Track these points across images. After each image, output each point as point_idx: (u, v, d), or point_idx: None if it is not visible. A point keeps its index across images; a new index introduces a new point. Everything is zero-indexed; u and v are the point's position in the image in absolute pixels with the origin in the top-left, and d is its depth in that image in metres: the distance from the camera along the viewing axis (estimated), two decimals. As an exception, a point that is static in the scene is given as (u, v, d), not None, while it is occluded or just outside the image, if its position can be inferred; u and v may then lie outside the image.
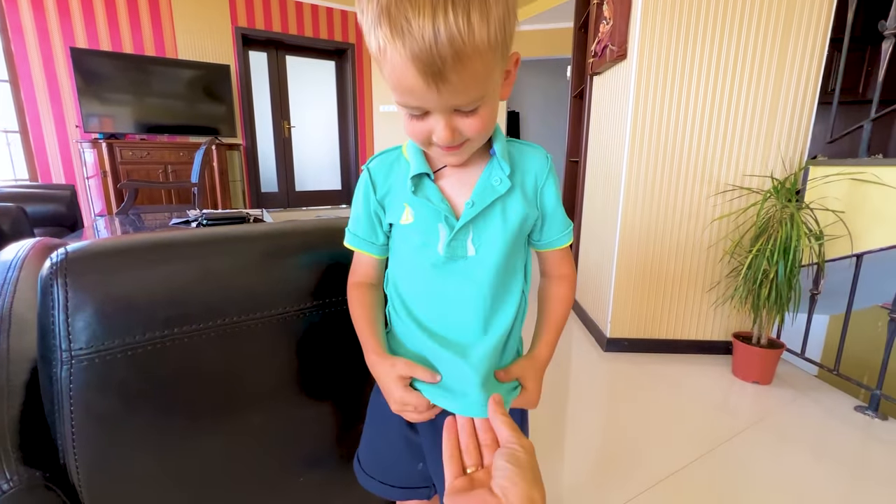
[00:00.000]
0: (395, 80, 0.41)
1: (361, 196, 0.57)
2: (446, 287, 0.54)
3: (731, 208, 1.79)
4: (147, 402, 0.54)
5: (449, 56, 0.38)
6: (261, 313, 0.62)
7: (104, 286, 0.51)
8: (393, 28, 0.37)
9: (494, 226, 0.52)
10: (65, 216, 2.34)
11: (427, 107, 0.43)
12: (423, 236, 0.53)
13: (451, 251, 0.52)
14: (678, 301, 1.92)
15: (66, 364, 0.49)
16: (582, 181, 2.41)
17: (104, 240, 0.56)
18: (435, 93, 0.40)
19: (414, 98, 0.42)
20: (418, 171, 0.52)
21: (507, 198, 0.52)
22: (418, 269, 0.55)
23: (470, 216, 0.51)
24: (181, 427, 0.57)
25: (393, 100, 0.45)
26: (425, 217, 0.53)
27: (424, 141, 0.47)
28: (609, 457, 1.30)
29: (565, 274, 0.61)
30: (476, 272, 0.53)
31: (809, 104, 1.71)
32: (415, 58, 0.38)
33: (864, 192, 1.52)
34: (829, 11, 1.64)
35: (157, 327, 0.54)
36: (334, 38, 4.87)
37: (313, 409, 0.69)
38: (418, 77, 0.39)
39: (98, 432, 0.52)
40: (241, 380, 0.61)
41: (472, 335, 0.54)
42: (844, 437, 1.40)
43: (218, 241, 0.61)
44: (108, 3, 3.68)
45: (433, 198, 0.52)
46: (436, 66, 0.38)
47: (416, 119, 0.45)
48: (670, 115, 1.76)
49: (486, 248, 0.53)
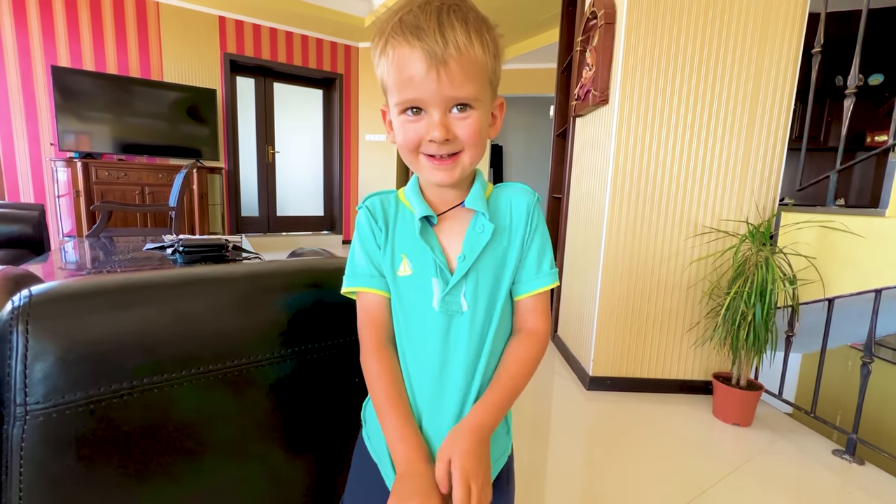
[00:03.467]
0: (397, 70, 0.45)
1: (361, 232, 0.55)
2: (438, 346, 0.51)
3: (709, 250, 1.84)
4: (109, 460, 0.50)
5: (451, 46, 0.44)
6: (237, 361, 0.58)
7: (69, 333, 0.48)
8: (403, 26, 0.44)
9: (486, 278, 0.51)
10: (31, 238, 2.23)
11: (425, 97, 0.46)
12: (419, 291, 0.51)
13: (446, 306, 0.50)
14: (659, 340, 1.93)
15: (20, 420, 0.45)
16: (565, 218, 2.45)
17: (72, 281, 0.52)
18: (434, 78, 0.44)
19: (413, 87, 0.45)
20: (424, 213, 0.52)
21: (494, 244, 0.52)
22: (412, 327, 0.52)
23: (463, 270, 0.50)
24: (146, 487, 0.53)
25: (381, 128, 0.47)
26: (422, 269, 0.52)
27: (417, 145, 0.48)
28: (592, 502, 1.26)
29: (533, 330, 0.53)
30: (469, 329, 0.51)
31: (779, 154, 1.80)
32: (421, 46, 0.44)
33: (834, 239, 1.59)
34: (795, 68, 1.75)
35: (125, 378, 0.50)
36: (323, 68, 4.94)
37: (292, 462, 0.65)
38: (422, 60, 0.44)
39: (50, 496, 0.47)
40: (215, 432, 0.57)
41: (458, 396, 0.51)
42: (824, 483, 1.40)
43: (194, 282, 0.58)
44: (94, 25, 3.66)
45: (435, 248, 0.51)
46: (438, 51, 0.43)
47: (412, 120, 0.47)
48: (650, 159, 1.82)
49: (479, 302, 0.51)
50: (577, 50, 2.22)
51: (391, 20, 0.46)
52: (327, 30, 4.71)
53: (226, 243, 1.73)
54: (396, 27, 0.45)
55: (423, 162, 0.50)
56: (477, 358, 0.51)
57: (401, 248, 0.53)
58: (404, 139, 0.49)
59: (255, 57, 4.50)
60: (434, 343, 0.51)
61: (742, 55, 1.75)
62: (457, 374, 0.51)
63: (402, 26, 0.44)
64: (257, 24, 4.45)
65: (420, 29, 0.44)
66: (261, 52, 4.53)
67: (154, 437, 0.52)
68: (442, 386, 0.51)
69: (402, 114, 0.48)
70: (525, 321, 0.54)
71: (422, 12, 0.44)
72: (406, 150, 0.50)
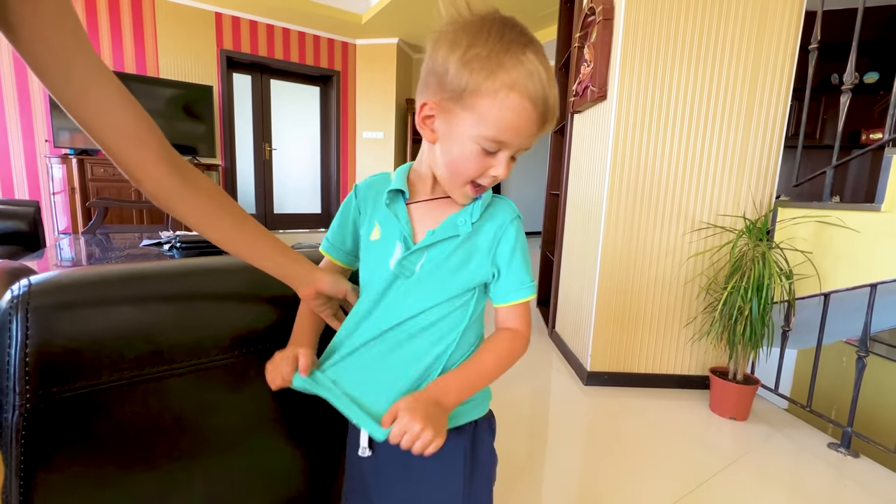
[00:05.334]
0: (509, 117, 0.47)
1: (343, 206, 0.63)
2: (392, 301, 0.56)
3: (707, 246, 1.85)
4: (109, 448, 0.50)
5: (553, 107, 0.49)
6: (239, 351, 0.58)
7: (68, 323, 0.48)
8: (531, 82, 0.46)
9: (446, 260, 0.55)
10: (26, 234, 2.22)
11: (513, 144, 0.49)
12: (382, 252, 0.57)
13: (401, 268, 0.55)
14: (657, 335, 1.94)
15: (19, 409, 0.45)
16: (562, 214, 2.45)
17: (72, 270, 0.52)
18: (534, 134, 0.49)
19: (513, 137, 0.48)
20: (396, 186, 0.57)
21: (465, 242, 0.55)
22: (370, 282, 0.58)
23: (426, 242, 0.54)
24: (146, 476, 0.52)
25: (378, 125, 0.47)
26: (389, 234, 0.57)
27: (475, 175, 0.51)
28: (590, 497, 1.27)
29: (511, 327, 0.58)
30: (416, 293, 0.55)
31: (776, 149, 1.81)
32: (539, 117, 0.48)
33: (830, 234, 1.60)
34: (792, 65, 1.76)
35: (125, 367, 0.50)
36: (320, 65, 4.92)
37: (293, 450, 0.65)
38: (535, 125, 0.48)
39: (51, 484, 0.47)
40: (216, 422, 0.57)
41: (390, 345, 0.56)
42: (819, 475, 1.41)
43: (197, 272, 0.58)
44: (89, 21, 3.64)
45: (401, 216, 0.56)
46: (548, 113, 0.48)
47: (487, 155, 0.50)
48: (648, 155, 1.83)
49: (432, 274, 0.55)
50: (576, 46, 2.22)
51: (515, 58, 0.46)
52: (325, 26, 4.69)
53: (223, 239, 1.72)
54: (524, 78, 0.46)
55: (466, 188, 0.53)
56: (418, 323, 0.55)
57: (375, 216, 0.59)
58: (470, 168, 0.51)
59: (251, 53, 4.48)
60: (371, 297, 0.56)
61: (739, 52, 1.75)
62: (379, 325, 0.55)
63: (530, 81, 0.46)
64: (254, 20, 4.43)
65: (546, 100, 0.47)
66: (258, 48, 4.51)
67: (154, 426, 0.52)
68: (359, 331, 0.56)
69: (479, 146, 0.49)
70: (506, 322, 0.59)
71: (546, 73, 0.47)
72: (463, 176, 0.52)
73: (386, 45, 4.99)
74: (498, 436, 0.63)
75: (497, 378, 0.55)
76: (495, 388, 0.60)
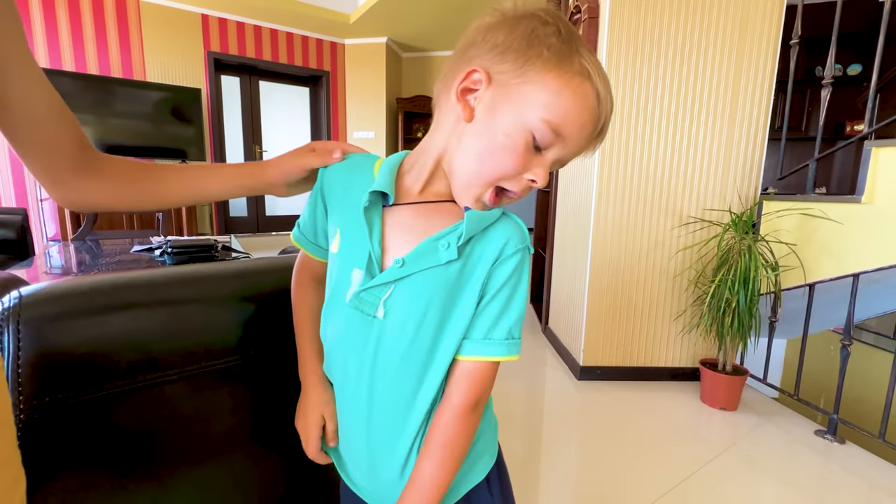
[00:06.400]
0: (575, 107, 0.40)
1: (313, 192, 0.52)
2: (353, 347, 0.45)
3: (694, 240, 1.88)
4: (104, 458, 0.51)
5: (609, 115, 0.43)
6: (231, 357, 0.59)
7: (60, 333, 0.48)
8: (591, 65, 0.40)
9: (420, 298, 0.42)
10: (14, 242, 2.20)
11: (568, 143, 0.41)
12: (339, 274, 0.46)
13: (358, 303, 0.44)
14: (648, 329, 1.97)
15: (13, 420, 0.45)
16: (553, 211, 2.47)
17: (62, 282, 0.53)
18: (587, 139, 0.42)
19: (576, 131, 0.41)
20: (380, 187, 0.43)
21: (450, 272, 0.42)
22: (331, 312, 0.48)
23: (393, 277, 0.42)
24: (141, 484, 0.53)
25: (369, 125, 0.43)
26: (350, 251, 0.45)
27: (510, 174, 0.41)
28: (585, 490, 1.29)
29: (450, 401, 0.44)
30: (385, 341, 0.43)
31: (761, 142, 1.83)
32: (600, 99, 0.41)
33: (814, 226, 1.63)
34: (774, 59, 1.78)
35: (119, 376, 0.51)
36: (309, 66, 4.90)
37: (289, 453, 0.66)
38: (595, 118, 0.41)
39: (46, 495, 0.48)
40: (210, 429, 0.58)
41: (372, 422, 0.46)
42: (807, 462, 1.44)
43: (187, 280, 0.59)
44: (73, 24, 3.59)
45: (374, 230, 0.44)
46: (605, 124, 0.42)
47: (530, 152, 0.40)
48: (635, 151, 1.85)
49: (400, 318, 0.42)
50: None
51: (588, 54, 0.41)
52: (312, 27, 4.67)
53: (215, 243, 1.72)
54: (596, 74, 0.41)
55: (487, 192, 0.42)
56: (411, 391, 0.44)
57: (339, 220, 0.47)
58: (508, 163, 0.40)
59: (239, 55, 4.45)
60: (345, 343, 0.47)
61: (722, 48, 1.78)
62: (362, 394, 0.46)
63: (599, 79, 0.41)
64: (241, 21, 4.40)
65: (606, 107, 0.42)
66: (245, 50, 4.47)
67: (149, 434, 0.53)
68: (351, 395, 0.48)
69: (531, 135, 0.40)
70: (449, 387, 0.44)
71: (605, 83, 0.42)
72: (492, 172, 0.41)
73: (375, 45, 4.98)
74: None
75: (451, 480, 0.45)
76: None
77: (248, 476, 0.63)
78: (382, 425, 0.46)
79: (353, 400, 0.47)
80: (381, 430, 0.46)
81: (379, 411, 0.45)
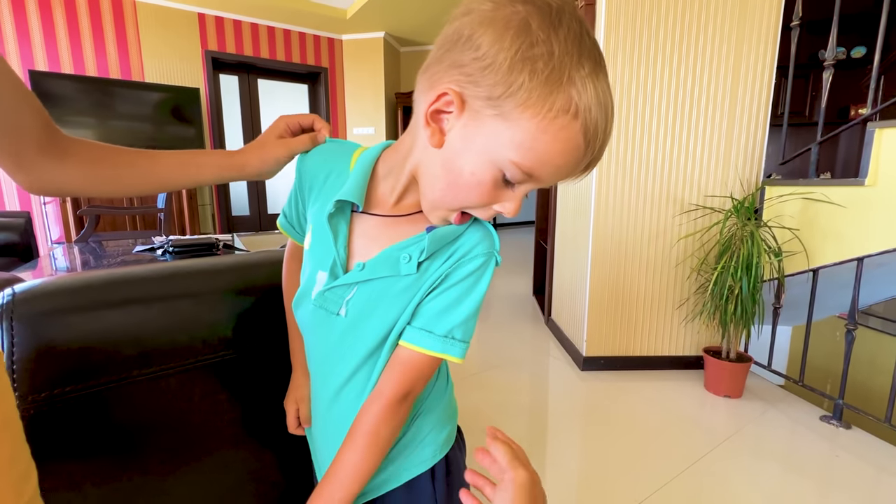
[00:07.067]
0: (553, 150, 0.34)
1: (295, 182, 0.52)
2: (318, 339, 0.49)
3: (696, 227, 1.86)
4: (100, 453, 0.51)
5: (603, 146, 0.37)
6: (227, 350, 0.59)
7: (54, 329, 0.48)
8: (587, 95, 0.33)
9: (380, 302, 0.44)
10: (18, 245, 2.22)
11: (543, 181, 0.37)
12: (308, 272, 0.48)
13: (323, 301, 0.46)
14: (650, 318, 1.96)
15: (10, 415, 0.46)
16: (554, 202, 2.46)
17: (55, 278, 0.53)
18: (570, 175, 0.38)
19: (552, 172, 0.36)
20: (347, 196, 0.43)
21: (409, 282, 0.43)
22: (300, 304, 0.50)
23: (353, 279, 0.44)
24: (138, 479, 0.54)
25: (369, 121, 0.42)
26: (317, 252, 0.47)
27: (475, 205, 0.39)
28: (590, 479, 1.29)
29: (380, 393, 0.44)
30: (349, 337, 0.46)
31: (762, 127, 1.81)
32: (589, 138, 0.35)
33: (816, 211, 1.61)
34: (775, 42, 1.76)
35: (114, 371, 0.51)
36: (307, 63, 4.88)
37: (287, 447, 0.66)
38: (579, 158, 0.36)
39: (42, 492, 0.48)
40: (208, 423, 0.58)
41: (334, 403, 0.49)
42: (813, 448, 1.44)
43: (180, 275, 0.59)
44: (70, 27, 3.59)
45: (339, 237, 0.45)
46: (596, 157, 0.37)
47: (501, 186, 0.38)
48: (634, 139, 1.83)
49: (360, 318, 0.45)
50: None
51: (590, 77, 0.33)
52: (310, 23, 4.65)
53: (216, 242, 1.72)
54: (595, 107, 0.34)
55: (452, 214, 0.41)
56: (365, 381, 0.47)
57: (312, 217, 0.49)
58: (473, 196, 0.38)
59: (237, 53, 4.44)
60: (311, 333, 0.50)
61: (722, 32, 1.75)
62: (330, 380, 0.49)
63: (599, 112, 0.34)
64: (238, 19, 4.39)
65: (602, 141, 0.36)
66: (243, 48, 4.46)
67: (145, 428, 0.53)
68: (321, 380, 0.51)
69: (500, 172, 0.36)
70: (382, 375, 0.45)
71: (612, 107, 0.36)
72: (458, 202, 0.39)
73: (372, 40, 4.95)
74: (499, 424, 0.60)
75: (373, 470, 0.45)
76: (496, 377, 0.50)
77: (244, 469, 0.63)
78: (340, 410, 0.49)
79: (318, 384, 0.52)
80: (337, 414, 0.49)
81: (339, 398, 0.49)
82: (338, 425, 0.49)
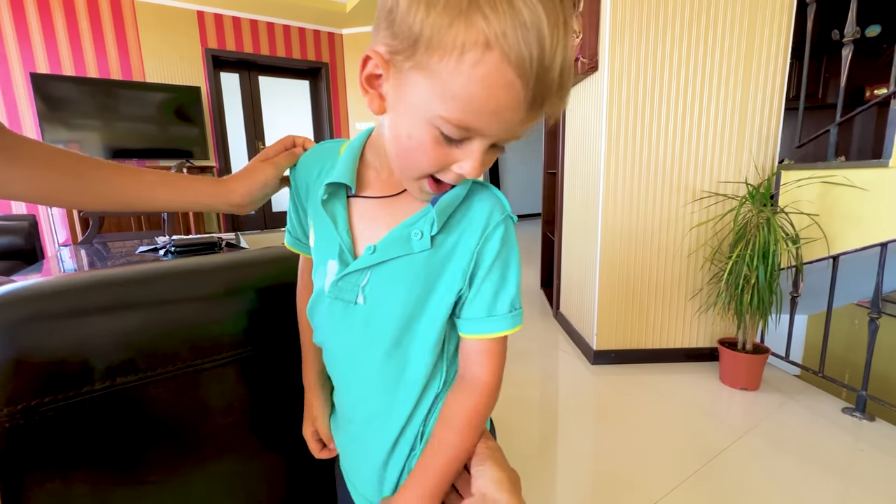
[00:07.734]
0: (476, 94, 0.30)
1: (291, 192, 0.52)
2: (339, 335, 0.45)
3: (709, 215, 1.80)
4: (84, 464, 0.48)
5: (558, 78, 0.30)
6: (218, 355, 0.56)
7: (35, 335, 0.45)
8: (522, 44, 0.28)
9: (397, 284, 0.41)
10: (22, 248, 2.21)
11: (488, 133, 0.33)
12: (318, 267, 0.46)
13: (338, 292, 0.43)
14: (662, 310, 1.91)
15: (-13, 428, 0.43)
16: (561, 193, 2.41)
17: (37, 281, 0.50)
18: (523, 120, 0.32)
19: (491, 120, 0.32)
20: (338, 179, 0.42)
21: (426, 258, 0.41)
22: (316, 305, 0.47)
23: (366, 263, 0.41)
24: (123, 491, 0.51)
25: (371, 116, 0.38)
26: (323, 244, 0.45)
27: (432, 170, 0.36)
28: (603, 478, 1.26)
29: (473, 378, 0.43)
30: (371, 325, 0.43)
31: (777, 110, 1.74)
32: (521, 70, 0.29)
33: (836, 195, 1.55)
34: (790, 22, 1.69)
35: (97, 379, 0.48)
36: (307, 58, 4.84)
37: (281, 453, 0.63)
38: (521, 97, 0.30)
39: (30, 501, 0.45)
40: (197, 429, 0.55)
41: (365, 405, 0.46)
42: (835, 441, 1.39)
43: (167, 276, 0.56)
44: (70, 28, 3.58)
45: (339, 220, 0.43)
46: (547, 90, 0.31)
47: (446, 145, 0.34)
48: (644, 125, 1.77)
49: (380, 303, 0.42)
50: (564, 18, 2.15)
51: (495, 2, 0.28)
52: (309, 18, 4.60)
53: (219, 241, 1.70)
54: (512, 32, 0.28)
55: (422, 182, 0.38)
56: (378, 364, 0.44)
57: (312, 215, 0.47)
58: (423, 160, 0.35)
59: (237, 51, 4.41)
60: (332, 332, 0.46)
61: (734, 11, 1.68)
62: (359, 379, 0.46)
63: (521, 36, 0.28)
64: (237, 16, 4.35)
65: (545, 69, 0.29)
66: (243, 45, 4.43)
67: (131, 438, 0.50)
68: (348, 386, 0.48)
69: (437, 130, 0.33)
70: (466, 366, 0.44)
71: (550, 23, 0.28)
72: (415, 168, 0.37)
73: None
74: (510, 419, 0.58)
75: (470, 453, 0.43)
76: (505, 372, 0.44)
77: (246, 475, 0.60)
78: (372, 411, 0.46)
79: (345, 388, 0.48)
80: (370, 417, 0.46)
81: (369, 397, 0.46)
82: (373, 425, 0.46)
